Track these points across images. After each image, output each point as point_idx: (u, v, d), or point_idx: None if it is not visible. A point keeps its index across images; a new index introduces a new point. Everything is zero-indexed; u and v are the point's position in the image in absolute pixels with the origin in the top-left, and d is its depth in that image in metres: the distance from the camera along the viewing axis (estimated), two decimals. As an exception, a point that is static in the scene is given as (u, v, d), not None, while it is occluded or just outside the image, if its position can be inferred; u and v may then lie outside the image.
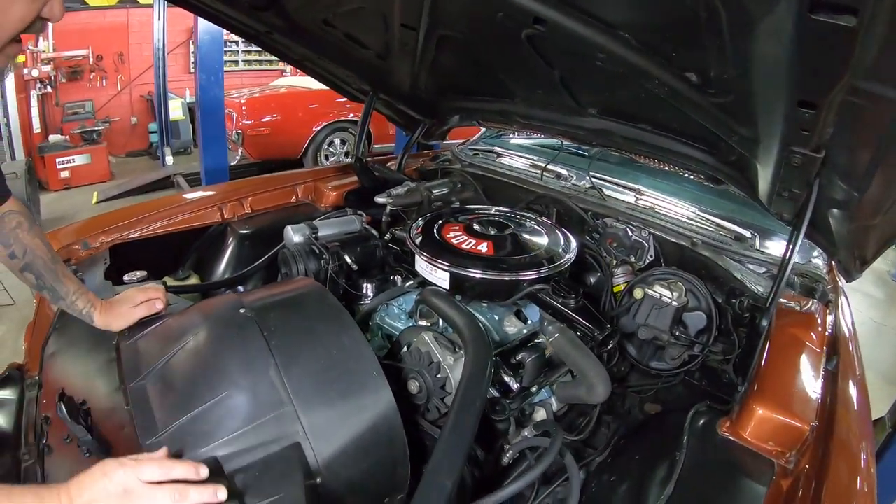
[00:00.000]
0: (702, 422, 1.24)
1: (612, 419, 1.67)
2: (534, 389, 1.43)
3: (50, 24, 7.21)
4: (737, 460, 1.12)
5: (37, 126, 6.76)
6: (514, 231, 1.66)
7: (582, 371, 1.37)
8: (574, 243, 1.63)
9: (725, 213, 2.00)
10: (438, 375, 1.33)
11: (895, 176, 1.07)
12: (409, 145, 2.60)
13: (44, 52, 6.97)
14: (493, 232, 1.62)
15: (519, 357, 1.40)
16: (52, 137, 6.88)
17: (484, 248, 1.50)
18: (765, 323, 1.41)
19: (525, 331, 1.50)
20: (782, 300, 1.56)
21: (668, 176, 2.30)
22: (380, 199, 2.10)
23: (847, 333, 1.55)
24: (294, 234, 1.90)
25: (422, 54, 1.79)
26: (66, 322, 1.41)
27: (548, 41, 1.41)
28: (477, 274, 1.43)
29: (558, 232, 1.69)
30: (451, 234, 1.57)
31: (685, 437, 1.17)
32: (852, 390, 1.30)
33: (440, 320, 1.45)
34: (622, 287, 1.78)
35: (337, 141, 6.89)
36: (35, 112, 6.73)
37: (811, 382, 1.27)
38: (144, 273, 1.69)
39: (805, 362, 1.34)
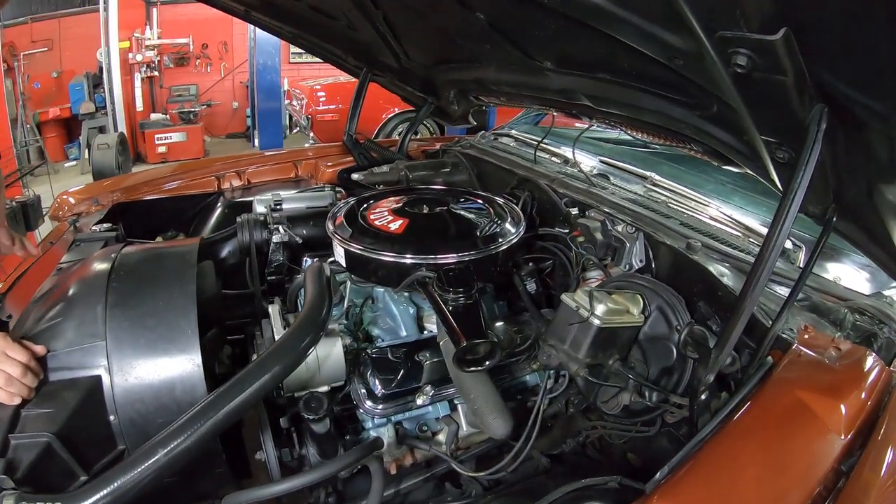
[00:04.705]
0: None
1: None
2: (421, 400, 1.22)
3: (155, 13, 8.00)
4: None
5: (139, 105, 7.52)
6: (444, 212, 1.48)
7: (462, 390, 1.15)
8: (517, 232, 1.41)
9: (766, 218, 1.58)
10: None
11: None
12: (413, 125, 2.51)
13: (148, 39, 7.70)
14: (424, 211, 1.47)
15: (419, 357, 1.25)
16: (154, 116, 7.63)
17: (396, 226, 1.35)
18: (725, 364, 0.98)
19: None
20: (805, 344, 1.06)
21: (694, 166, 1.97)
22: (354, 176, 2.03)
23: None
24: (258, 205, 1.90)
25: (375, 17, 1.69)
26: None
27: None
28: (355, 249, 1.30)
29: (510, 218, 1.48)
30: (376, 211, 1.44)
31: None
32: None
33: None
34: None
35: (409, 131, 6.84)
36: (138, 92, 7.49)
37: (791, 486, 0.83)
38: (110, 225, 1.84)
39: (799, 447, 0.90)
